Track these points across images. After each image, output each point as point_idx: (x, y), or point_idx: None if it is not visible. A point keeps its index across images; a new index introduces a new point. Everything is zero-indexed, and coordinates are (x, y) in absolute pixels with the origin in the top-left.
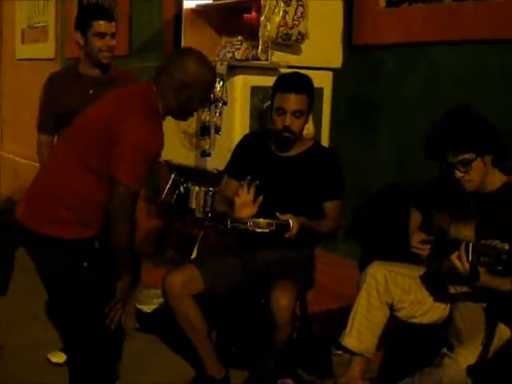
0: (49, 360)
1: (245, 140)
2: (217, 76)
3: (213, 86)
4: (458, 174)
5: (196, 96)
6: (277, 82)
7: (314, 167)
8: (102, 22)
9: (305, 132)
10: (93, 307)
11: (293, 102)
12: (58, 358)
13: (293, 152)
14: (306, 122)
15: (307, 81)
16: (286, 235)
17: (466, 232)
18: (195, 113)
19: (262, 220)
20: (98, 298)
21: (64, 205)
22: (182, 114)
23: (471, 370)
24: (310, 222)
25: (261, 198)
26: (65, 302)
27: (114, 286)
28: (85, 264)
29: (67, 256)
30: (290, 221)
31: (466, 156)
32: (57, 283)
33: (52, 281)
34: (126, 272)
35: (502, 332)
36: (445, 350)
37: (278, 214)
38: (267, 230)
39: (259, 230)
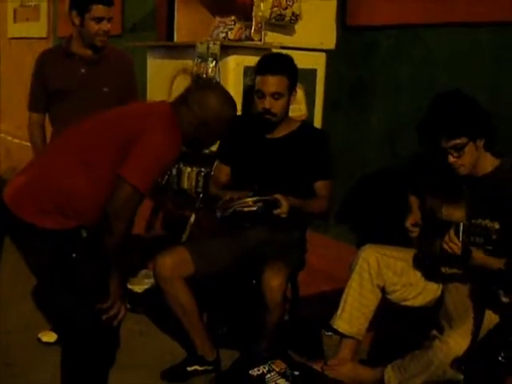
0: (39, 340)
1: (233, 124)
2: (210, 56)
3: (231, 123)
4: (451, 159)
5: (214, 132)
6: (257, 64)
7: (302, 148)
8: (101, 7)
9: (298, 113)
10: (85, 296)
11: (270, 84)
12: (49, 337)
13: (280, 133)
14: (288, 102)
15: (286, 62)
16: (276, 212)
17: (458, 214)
18: (204, 151)
19: (248, 199)
20: (90, 286)
21: (51, 200)
22: (196, 146)
23: (458, 358)
24: (299, 201)
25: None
26: (55, 293)
27: (107, 275)
28: (74, 255)
29: (54, 246)
30: (279, 198)
31: (459, 141)
32: (45, 274)
33: (40, 271)
34: (118, 270)
35: (492, 317)
36: (435, 332)
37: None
38: (255, 208)
39: (247, 209)
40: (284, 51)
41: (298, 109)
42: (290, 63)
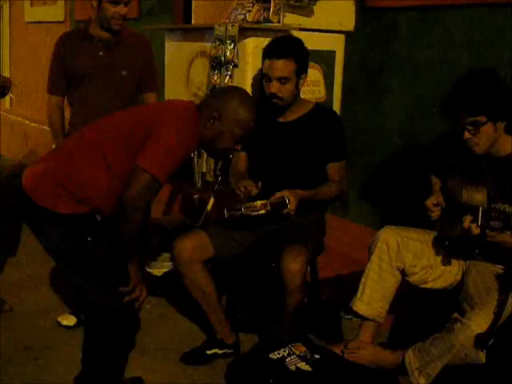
0: (59, 323)
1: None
2: (228, 38)
3: (249, 130)
4: (466, 135)
5: (227, 131)
6: (264, 47)
7: (315, 130)
8: None
9: (317, 95)
10: (102, 279)
11: (276, 68)
12: (69, 320)
13: (293, 116)
14: (297, 86)
15: (293, 45)
16: (285, 211)
17: (479, 197)
18: (228, 155)
19: (256, 202)
20: (107, 269)
21: (66, 187)
22: (212, 149)
23: (481, 337)
24: (309, 192)
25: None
26: (73, 277)
27: (123, 258)
28: (89, 239)
29: (69, 230)
30: (286, 197)
31: (478, 118)
32: (62, 258)
33: (56, 255)
34: (136, 255)
35: None
36: (456, 315)
37: (276, 194)
38: (264, 212)
39: (255, 213)
40: (303, 33)
41: (316, 91)
42: (297, 46)
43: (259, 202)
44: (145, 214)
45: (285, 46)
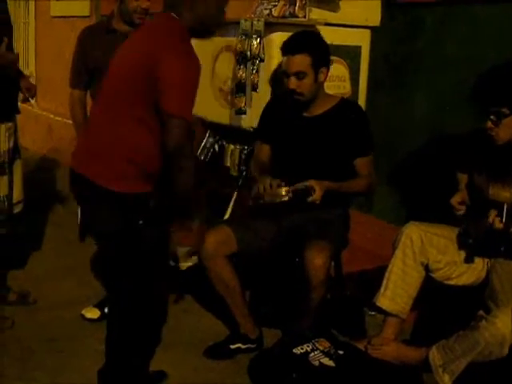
0: (83, 316)
1: (271, 102)
2: (254, 33)
3: None
4: (488, 124)
5: (211, 1)
6: (281, 45)
7: (341, 125)
8: None
9: (342, 90)
10: (143, 265)
11: (291, 63)
12: (93, 313)
13: (318, 111)
14: (316, 80)
15: (308, 39)
16: (309, 199)
17: (505, 193)
18: (216, 29)
19: (281, 188)
20: (150, 256)
21: (121, 157)
22: (203, 30)
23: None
24: (336, 184)
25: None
26: (116, 258)
27: (166, 247)
28: (140, 222)
29: (123, 211)
30: (311, 184)
31: (502, 110)
32: (110, 238)
33: (105, 235)
34: (184, 218)
35: None
36: (481, 312)
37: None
38: (286, 198)
39: (278, 200)
40: (328, 28)
41: (342, 86)
42: (313, 40)
43: (283, 189)
44: (193, 159)
45: (298, 41)
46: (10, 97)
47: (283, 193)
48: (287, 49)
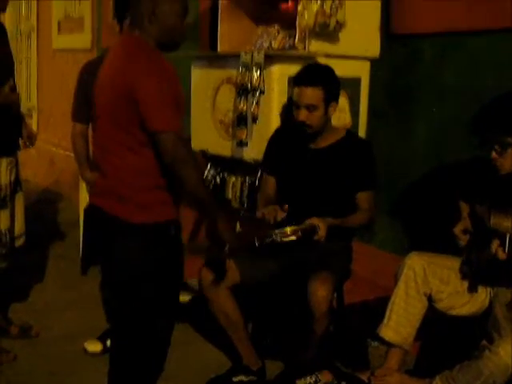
0: (85, 349)
1: (276, 134)
2: (254, 65)
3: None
4: (493, 155)
5: (169, 11)
6: (295, 75)
7: (346, 158)
8: None
9: (342, 122)
10: (156, 298)
11: (304, 95)
12: (95, 346)
13: (324, 143)
14: (326, 114)
15: (323, 73)
16: (315, 238)
17: (506, 223)
18: (181, 40)
19: (287, 228)
20: (163, 289)
21: (134, 186)
22: (170, 42)
23: None
24: (338, 220)
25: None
26: (129, 290)
27: (180, 275)
28: (164, 254)
29: (144, 242)
30: (316, 224)
31: (507, 139)
32: (128, 270)
33: (123, 268)
34: (217, 212)
35: None
36: (485, 342)
37: (306, 221)
38: (294, 238)
39: (286, 239)
40: (328, 60)
41: (342, 117)
42: (327, 74)
43: (289, 229)
44: (197, 166)
45: (313, 74)
46: (12, 134)
47: (290, 232)
48: (301, 80)
